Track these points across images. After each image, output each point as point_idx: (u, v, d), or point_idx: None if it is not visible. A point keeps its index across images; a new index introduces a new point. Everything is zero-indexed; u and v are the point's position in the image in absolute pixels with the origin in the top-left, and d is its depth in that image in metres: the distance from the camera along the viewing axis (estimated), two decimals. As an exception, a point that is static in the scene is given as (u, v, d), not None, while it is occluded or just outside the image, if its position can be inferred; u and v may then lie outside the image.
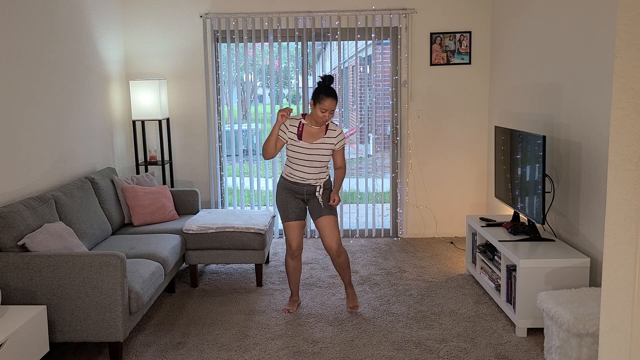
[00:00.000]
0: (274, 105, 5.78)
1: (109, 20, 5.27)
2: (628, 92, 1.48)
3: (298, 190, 3.85)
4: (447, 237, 5.87)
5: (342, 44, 5.69)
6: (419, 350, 3.39)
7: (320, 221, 3.85)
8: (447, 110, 5.73)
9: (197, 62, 5.68)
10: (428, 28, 5.60)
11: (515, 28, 4.92)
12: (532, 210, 3.86)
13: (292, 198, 3.86)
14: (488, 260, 4.16)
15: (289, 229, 3.89)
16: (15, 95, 3.66)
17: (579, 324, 2.85)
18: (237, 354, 3.38)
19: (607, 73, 3.40)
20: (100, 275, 3.15)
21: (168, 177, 5.77)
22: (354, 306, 3.96)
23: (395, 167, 5.84)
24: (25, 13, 3.79)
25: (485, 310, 3.96)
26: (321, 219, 3.84)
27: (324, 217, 3.84)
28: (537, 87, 4.44)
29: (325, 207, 3.84)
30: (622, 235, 1.52)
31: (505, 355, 3.31)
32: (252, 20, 5.56)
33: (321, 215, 3.84)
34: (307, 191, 3.85)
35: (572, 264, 3.48)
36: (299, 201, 3.88)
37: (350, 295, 4.02)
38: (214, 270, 4.90)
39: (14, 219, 3.25)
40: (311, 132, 3.78)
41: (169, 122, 5.75)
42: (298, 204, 3.88)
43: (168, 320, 3.86)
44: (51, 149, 4.11)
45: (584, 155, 3.68)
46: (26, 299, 3.16)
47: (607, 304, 1.59)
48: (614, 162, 1.54)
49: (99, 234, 4.13)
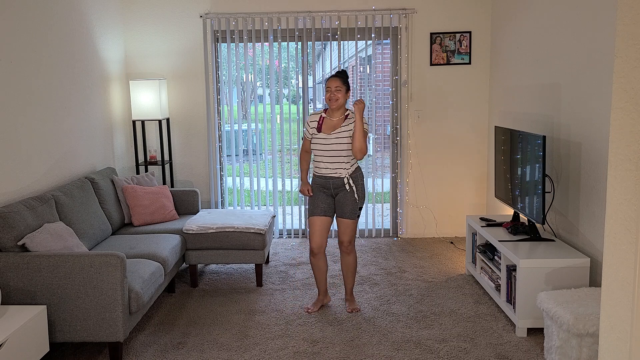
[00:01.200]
0: (274, 105, 5.78)
1: (109, 20, 5.27)
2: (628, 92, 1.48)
3: (325, 185, 3.88)
4: (447, 237, 5.87)
5: (342, 44, 5.69)
6: (419, 350, 3.39)
7: (340, 221, 3.90)
8: (447, 111, 5.73)
9: (197, 62, 5.68)
10: (428, 28, 5.60)
11: (515, 28, 4.92)
12: (532, 210, 3.86)
13: (321, 194, 3.90)
14: (488, 260, 4.16)
15: (313, 224, 3.90)
16: (15, 95, 3.66)
17: (579, 324, 2.85)
18: (237, 354, 3.38)
19: (607, 73, 3.40)
20: (100, 275, 3.15)
21: (168, 177, 5.77)
22: (354, 309, 3.96)
23: (395, 167, 5.84)
24: (25, 13, 3.79)
25: (485, 310, 3.96)
26: (341, 220, 3.89)
27: (345, 220, 3.88)
28: (537, 87, 4.44)
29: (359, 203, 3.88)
30: (622, 235, 1.52)
31: (505, 355, 3.31)
32: (252, 20, 5.56)
33: (343, 217, 3.88)
34: (333, 184, 3.86)
35: (572, 264, 3.48)
36: (327, 196, 3.90)
37: (349, 301, 4.04)
38: (214, 270, 4.89)
39: (14, 219, 3.25)
40: (331, 123, 3.86)
41: (169, 122, 5.75)
42: (326, 199, 3.90)
43: (168, 320, 3.86)
44: (51, 149, 4.11)
45: (584, 155, 3.68)
46: (26, 299, 3.16)
47: (607, 304, 1.59)
48: (614, 162, 1.54)
49: (99, 234, 4.13)
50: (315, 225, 3.89)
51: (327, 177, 3.86)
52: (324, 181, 3.88)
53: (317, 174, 3.92)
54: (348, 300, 4.03)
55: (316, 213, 3.88)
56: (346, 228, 3.89)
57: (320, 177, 3.90)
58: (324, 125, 3.85)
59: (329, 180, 3.86)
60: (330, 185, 3.87)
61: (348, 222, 3.88)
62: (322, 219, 3.88)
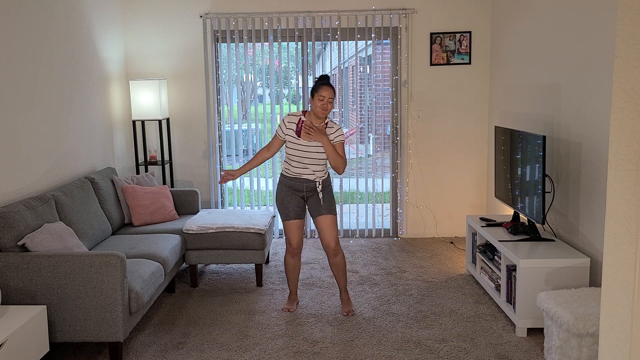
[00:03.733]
0: (274, 105, 5.78)
1: (109, 20, 5.27)
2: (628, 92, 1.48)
3: (298, 187, 3.85)
4: (447, 237, 5.87)
5: (342, 44, 5.69)
6: (419, 350, 3.39)
7: (319, 220, 3.85)
8: (447, 110, 5.73)
9: (197, 62, 5.68)
10: (428, 28, 5.60)
11: (515, 28, 4.92)
12: (532, 210, 3.86)
13: (292, 196, 3.86)
14: (488, 260, 4.16)
15: (289, 227, 3.89)
16: (16, 95, 3.66)
17: (579, 324, 2.85)
18: (237, 354, 3.38)
19: (607, 73, 3.40)
20: (100, 275, 3.15)
21: (168, 177, 5.77)
22: (349, 311, 3.95)
23: (395, 167, 5.84)
24: (25, 13, 3.79)
25: (485, 310, 3.96)
26: (320, 218, 3.84)
27: (324, 216, 3.84)
28: (537, 87, 4.44)
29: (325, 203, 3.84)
30: (622, 235, 1.52)
31: (505, 355, 3.31)
32: (252, 20, 5.56)
33: (320, 214, 3.84)
34: (306, 188, 3.84)
35: (572, 264, 3.48)
36: (298, 199, 3.87)
37: (344, 300, 4.00)
38: (214, 270, 4.90)
39: (14, 219, 3.25)
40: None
41: (169, 122, 5.75)
42: (298, 202, 3.87)
43: (168, 320, 3.86)
44: (51, 149, 4.11)
45: (584, 155, 3.68)
46: (26, 299, 3.16)
47: (607, 304, 1.59)
48: (614, 162, 1.54)
49: (99, 234, 4.13)
50: (291, 227, 3.88)
51: (301, 179, 3.82)
52: (296, 183, 3.83)
53: (288, 176, 3.86)
54: (343, 300, 4.00)
55: (290, 217, 3.87)
56: (328, 227, 3.83)
57: (292, 179, 3.84)
58: (304, 130, 3.76)
59: (303, 183, 3.82)
60: (303, 188, 3.84)
61: (328, 217, 3.83)
62: (297, 222, 3.89)
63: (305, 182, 3.82)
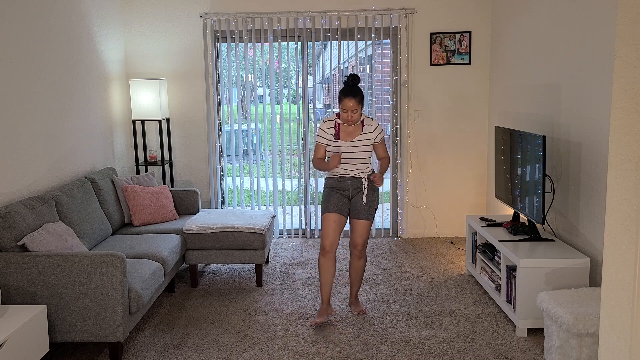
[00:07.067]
0: (274, 105, 5.78)
1: (109, 20, 5.27)
2: (628, 92, 1.48)
3: (343, 187, 3.79)
4: (447, 237, 5.87)
5: (342, 44, 5.69)
6: (419, 350, 3.39)
7: (356, 222, 3.81)
8: (447, 110, 5.73)
9: (197, 62, 5.68)
10: (428, 28, 5.60)
11: (515, 28, 4.92)
12: (532, 210, 3.86)
13: (337, 194, 3.80)
14: (488, 260, 4.16)
15: (326, 221, 3.74)
16: (15, 95, 3.66)
17: (579, 324, 2.85)
18: (237, 354, 3.38)
19: (607, 73, 3.40)
20: (100, 275, 3.15)
21: (168, 177, 5.77)
22: (360, 310, 3.93)
23: (395, 167, 5.84)
24: (25, 13, 3.79)
25: (485, 310, 3.96)
26: (358, 221, 3.80)
27: (361, 221, 3.80)
28: (537, 87, 4.44)
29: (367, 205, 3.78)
30: (622, 235, 1.52)
31: (505, 355, 3.31)
32: (252, 20, 5.56)
33: (359, 217, 3.79)
34: (352, 185, 3.79)
35: (572, 264, 3.48)
36: (343, 198, 3.80)
37: (354, 302, 4.00)
38: (214, 270, 4.89)
39: (14, 219, 3.25)
40: (347, 130, 3.76)
41: (169, 122, 5.75)
42: (341, 199, 3.79)
43: (168, 320, 3.86)
44: (51, 149, 4.11)
45: (584, 155, 3.68)
46: (26, 299, 3.16)
47: (607, 304, 1.59)
48: (614, 162, 1.54)
49: (99, 234, 4.13)
50: (329, 221, 3.73)
51: (346, 178, 3.78)
52: (341, 183, 3.79)
53: (332, 177, 3.83)
54: (353, 304, 3.99)
55: (331, 209, 3.75)
56: (362, 230, 3.80)
57: (337, 179, 3.80)
58: (342, 132, 3.75)
59: (347, 181, 3.78)
60: (349, 187, 3.79)
61: (364, 223, 3.79)
62: (337, 216, 3.75)
63: (350, 179, 3.78)
